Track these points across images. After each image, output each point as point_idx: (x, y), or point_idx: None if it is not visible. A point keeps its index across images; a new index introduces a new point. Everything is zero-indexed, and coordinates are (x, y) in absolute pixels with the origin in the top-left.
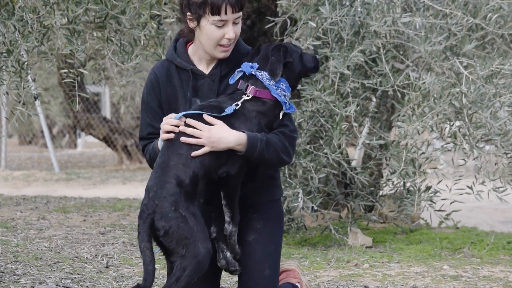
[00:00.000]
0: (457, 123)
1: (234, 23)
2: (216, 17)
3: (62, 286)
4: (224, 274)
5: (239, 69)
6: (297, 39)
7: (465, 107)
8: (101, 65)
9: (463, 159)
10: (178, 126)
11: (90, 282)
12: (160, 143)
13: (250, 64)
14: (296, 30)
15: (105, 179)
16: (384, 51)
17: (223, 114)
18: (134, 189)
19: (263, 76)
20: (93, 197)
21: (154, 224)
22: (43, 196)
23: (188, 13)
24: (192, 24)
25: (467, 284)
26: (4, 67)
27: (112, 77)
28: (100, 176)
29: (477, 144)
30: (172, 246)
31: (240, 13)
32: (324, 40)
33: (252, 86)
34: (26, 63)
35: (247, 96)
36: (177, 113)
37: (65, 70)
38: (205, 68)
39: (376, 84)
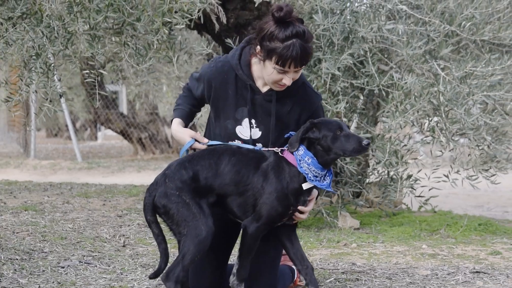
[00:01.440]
0: (435, 118)
1: (295, 72)
2: (279, 67)
3: (84, 263)
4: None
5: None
6: None
7: (442, 104)
8: (119, 67)
9: (440, 151)
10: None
11: (109, 259)
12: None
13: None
14: None
15: (122, 168)
16: (371, 55)
17: (256, 148)
18: (148, 177)
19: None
20: (112, 184)
21: (155, 200)
22: (67, 183)
23: (258, 48)
24: (259, 56)
25: (443, 261)
26: (33, 69)
27: (128, 77)
28: (117, 165)
29: (452, 138)
30: (173, 226)
31: (303, 67)
32: (317, 44)
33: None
34: (52, 65)
35: (277, 150)
36: (222, 113)
37: (87, 71)
38: (261, 86)
39: (363, 83)
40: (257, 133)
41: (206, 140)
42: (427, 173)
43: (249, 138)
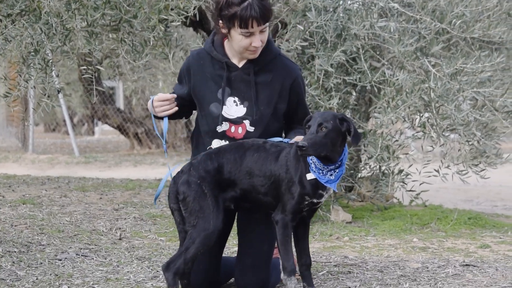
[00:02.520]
0: (426, 114)
1: (261, 32)
2: (244, 30)
3: (81, 255)
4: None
5: None
6: (287, 40)
7: (433, 100)
8: (116, 63)
9: (431, 146)
10: None
11: (105, 252)
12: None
13: None
14: (286, 32)
15: (118, 162)
16: (363, 51)
17: (285, 140)
18: (144, 171)
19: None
20: (108, 178)
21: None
22: (65, 176)
23: (220, 22)
24: (223, 31)
25: (433, 254)
26: (32, 64)
27: (125, 73)
28: (114, 159)
29: (443, 133)
30: (186, 214)
31: (266, 24)
32: (310, 41)
33: None
34: (50, 61)
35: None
36: (204, 99)
37: (84, 67)
38: (237, 62)
39: (356, 80)
40: (242, 110)
41: (170, 95)
42: (418, 168)
43: (235, 116)
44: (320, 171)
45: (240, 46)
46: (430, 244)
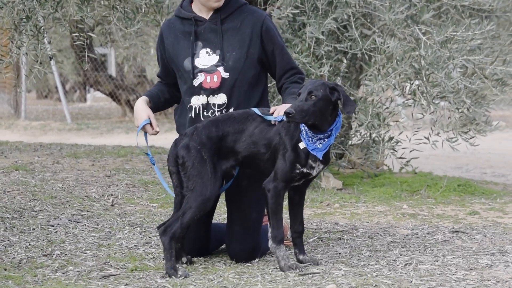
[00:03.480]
0: (416, 82)
1: None
2: None
3: (74, 221)
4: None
5: None
6: (278, 7)
7: (423, 68)
8: (107, 30)
9: (421, 114)
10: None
11: (97, 218)
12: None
13: None
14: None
15: (110, 129)
16: (354, 19)
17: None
18: (135, 138)
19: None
20: (100, 144)
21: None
22: (57, 143)
23: None
24: None
25: (423, 221)
26: (24, 31)
27: (117, 40)
28: (106, 126)
29: (433, 101)
30: (185, 178)
31: None
32: (302, 9)
33: None
34: (42, 27)
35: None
36: (178, 58)
37: (76, 34)
38: (205, 15)
39: (346, 47)
40: (215, 58)
41: (158, 129)
42: (408, 135)
43: (209, 65)
44: (310, 139)
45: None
46: (419, 211)
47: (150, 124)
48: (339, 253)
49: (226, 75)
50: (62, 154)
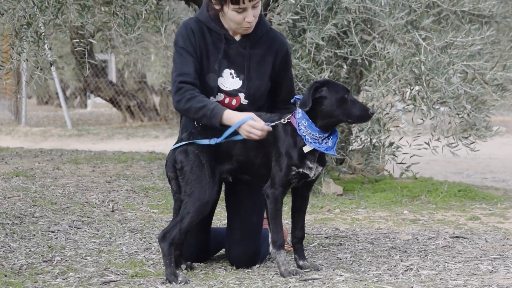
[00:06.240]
0: (417, 87)
1: (254, 7)
2: (236, 6)
3: (74, 227)
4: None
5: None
6: (278, 13)
7: (423, 73)
8: (108, 36)
9: (422, 119)
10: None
11: (98, 224)
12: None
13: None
14: (278, 5)
15: (111, 135)
16: (354, 25)
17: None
18: (136, 143)
19: (297, 109)
20: (101, 150)
21: (175, 155)
22: (57, 149)
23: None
24: (216, 7)
25: (424, 226)
26: (24, 37)
27: (117, 46)
28: (106, 132)
29: (433, 106)
30: (183, 183)
31: (258, 1)
32: (301, 14)
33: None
34: (43, 34)
35: (284, 121)
36: (206, 69)
37: (77, 40)
38: (233, 35)
39: (347, 53)
40: (238, 83)
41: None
42: (409, 141)
43: (231, 88)
44: (316, 141)
45: (233, 22)
46: (420, 216)
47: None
48: (340, 259)
49: (245, 102)
50: (62, 160)
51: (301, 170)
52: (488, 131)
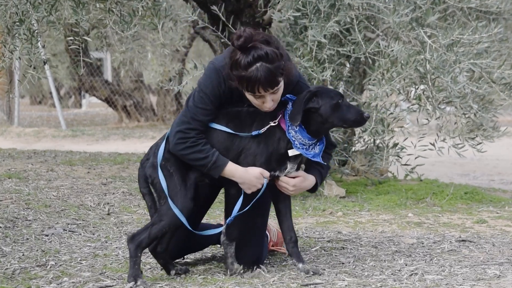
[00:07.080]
0: (422, 86)
1: (272, 93)
2: (251, 93)
3: (69, 231)
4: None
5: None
6: (279, 10)
7: (428, 72)
8: (103, 33)
9: (427, 119)
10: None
11: (93, 227)
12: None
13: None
14: (278, 2)
15: (106, 135)
16: (357, 22)
17: (251, 134)
18: (132, 144)
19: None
20: (96, 151)
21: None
22: (51, 150)
23: (232, 77)
24: (233, 84)
25: (429, 230)
26: (17, 35)
27: (113, 44)
28: (102, 133)
29: (439, 106)
30: (156, 195)
31: (275, 88)
32: (303, 11)
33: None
34: (36, 31)
35: (274, 123)
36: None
37: (71, 38)
38: None
39: (349, 51)
40: None
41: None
42: (413, 141)
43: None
44: (304, 147)
45: (252, 103)
46: (425, 219)
47: None
48: (342, 263)
49: None
50: (56, 162)
51: (276, 173)
52: (495, 131)
